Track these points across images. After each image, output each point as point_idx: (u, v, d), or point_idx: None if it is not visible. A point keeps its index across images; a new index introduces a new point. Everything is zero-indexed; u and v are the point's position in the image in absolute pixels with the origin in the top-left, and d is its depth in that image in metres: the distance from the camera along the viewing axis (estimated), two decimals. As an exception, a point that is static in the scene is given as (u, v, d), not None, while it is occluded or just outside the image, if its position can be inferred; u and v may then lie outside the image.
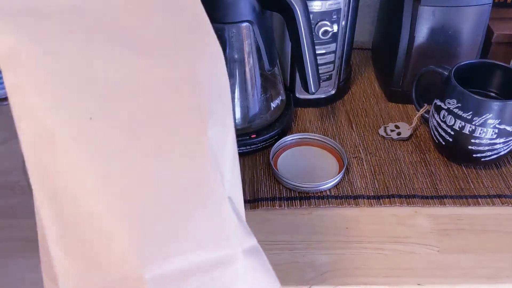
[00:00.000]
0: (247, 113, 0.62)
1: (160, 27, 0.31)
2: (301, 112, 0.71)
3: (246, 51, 0.59)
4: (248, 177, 0.60)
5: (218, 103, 0.31)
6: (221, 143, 0.31)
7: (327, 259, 0.50)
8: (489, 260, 0.50)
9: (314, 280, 0.48)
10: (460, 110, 0.56)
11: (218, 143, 0.30)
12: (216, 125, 0.30)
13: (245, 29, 0.57)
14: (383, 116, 0.70)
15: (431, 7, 0.63)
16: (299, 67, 0.58)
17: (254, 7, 0.55)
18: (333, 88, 0.71)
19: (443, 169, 0.61)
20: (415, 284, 0.48)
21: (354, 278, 0.48)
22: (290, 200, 0.56)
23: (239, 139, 0.61)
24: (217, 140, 0.30)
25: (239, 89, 0.61)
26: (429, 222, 0.54)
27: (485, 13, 0.64)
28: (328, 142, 0.63)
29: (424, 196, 0.57)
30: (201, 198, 0.28)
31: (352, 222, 0.54)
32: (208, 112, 0.29)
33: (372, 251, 0.51)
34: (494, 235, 0.53)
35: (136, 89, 0.27)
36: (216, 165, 0.29)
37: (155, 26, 0.30)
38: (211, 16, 0.57)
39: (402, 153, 0.63)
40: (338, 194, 0.57)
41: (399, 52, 0.68)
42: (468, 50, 0.67)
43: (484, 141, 0.56)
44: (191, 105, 0.29)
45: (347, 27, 0.66)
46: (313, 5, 0.61)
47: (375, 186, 0.58)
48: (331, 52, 0.67)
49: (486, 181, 0.59)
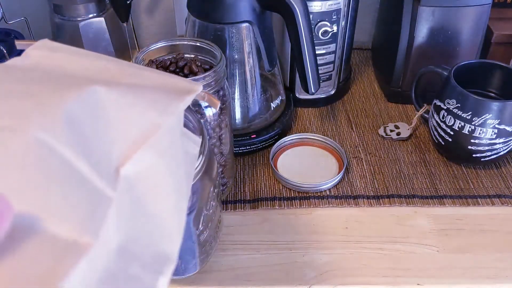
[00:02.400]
0: (247, 113, 0.62)
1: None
2: (301, 112, 0.71)
3: (246, 51, 0.59)
4: (248, 177, 0.60)
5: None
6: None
7: (327, 259, 0.50)
8: (489, 260, 0.50)
9: (314, 280, 0.48)
10: (459, 110, 0.56)
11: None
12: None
13: (245, 29, 0.57)
14: (382, 116, 0.70)
15: (431, 7, 0.63)
16: (299, 67, 0.58)
17: (254, 7, 0.56)
18: (333, 88, 0.72)
19: (443, 169, 0.61)
20: (415, 284, 0.48)
21: (354, 278, 0.48)
22: (290, 200, 0.56)
23: (239, 139, 0.61)
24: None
25: (239, 89, 0.61)
26: (429, 222, 0.54)
27: (484, 13, 0.64)
28: (328, 142, 0.63)
29: (423, 196, 0.57)
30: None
31: (352, 222, 0.54)
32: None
33: (372, 251, 0.51)
34: (494, 235, 0.53)
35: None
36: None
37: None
38: (211, 16, 0.57)
39: (402, 153, 0.63)
40: (338, 194, 0.57)
41: (399, 52, 0.68)
42: (468, 50, 0.67)
43: (483, 141, 0.56)
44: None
45: (347, 27, 0.66)
46: (313, 5, 0.61)
47: (375, 186, 0.58)
48: (331, 52, 0.67)
49: (485, 181, 0.59)
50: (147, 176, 0.26)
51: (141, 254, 0.25)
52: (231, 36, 0.57)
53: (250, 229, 0.53)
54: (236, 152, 0.61)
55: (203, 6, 0.56)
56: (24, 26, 0.70)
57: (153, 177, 0.26)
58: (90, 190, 0.23)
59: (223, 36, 0.57)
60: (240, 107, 0.62)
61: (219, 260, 0.50)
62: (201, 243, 0.45)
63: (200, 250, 0.46)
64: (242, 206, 0.56)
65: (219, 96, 0.49)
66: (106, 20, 0.74)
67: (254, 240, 0.52)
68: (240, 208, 0.56)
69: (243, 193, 0.58)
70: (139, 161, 0.25)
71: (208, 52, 0.51)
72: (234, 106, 0.61)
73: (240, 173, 0.60)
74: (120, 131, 0.26)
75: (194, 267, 0.47)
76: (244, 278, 0.48)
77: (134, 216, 0.25)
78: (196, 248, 0.45)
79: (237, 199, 0.57)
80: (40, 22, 0.80)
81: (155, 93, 0.28)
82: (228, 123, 0.52)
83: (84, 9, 0.73)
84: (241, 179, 0.60)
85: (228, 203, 0.56)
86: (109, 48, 0.76)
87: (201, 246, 0.46)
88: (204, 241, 0.46)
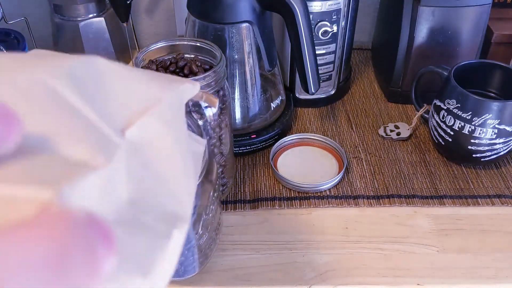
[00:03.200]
0: (247, 113, 0.62)
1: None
2: (301, 112, 0.71)
3: (246, 51, 0.59)
4: (248, 177, 0.60)
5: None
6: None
7: (327, 259, 0.50)
8: (489, 260, 0.50)
9: (314, 280, 0.48)
10: (459, 110, 0.56)
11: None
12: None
13: (245, 29, 0.57)
14: (382, 116, 0.70)
15: (431, 7, 0.63)
16: (299, 67, 0.58)
17: (254, 7, 0.56)
18: (333, 88, 0.72)
19: (443, 169, 0.61)
20: (415, 284, 0.48)
21: (354, 278, 0.48)
22: (290, 200, 0.56)
23: (239, 139, 0.61)
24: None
25: (239, 89, 0.61)
26: (429, 222, 0.54)
27: (484, 13, 0.64)
28: (328, 142, 0.63)
29: (423, 196, 0.57)
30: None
31: (351, 222, 0.54)
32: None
33: (372, 251, 0.51)
34: (494, 235, 0.53)
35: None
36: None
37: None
38: (211, 16, 0.57)
39: (402, 153, 0.63)
40: (338, 194, 0.57)
41: (399, 52, 0.68)
42: (468, 50, 0.67)
43: (483, 141, 0.56)
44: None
45: (347, 27, 0.66)
46: (313, 5, 0.61)
47: (375, 186, 0.58)
48: (331, 52, 0.67)
49: (485, 181, 0.59)
50: (153, 142, 0.25)
51: (152, 210, 0.24)
52: (231, 36, 0.57)
53: (250, 229, 0.53)
54: (236, 152, 0.61)
55: (203, 6, 0.56)
56: (24, 26, 0.70)
57: (159, 143, 0.25)
58: (97, 133, 0.22)
59: (223, 36, 0.57)
60: (240, 107, 0.62)
61: (219, 260, 0.50)
62: (201, 246, 0.45)
63: (199, 253, 0.46)
64: (242, 206, 0.56)
65: (219, 96, 0.49)
66: (106, 20, 0.74)
67: (254, 240, 0.52)
68: (240, 208, 0.56)
69: (243, 193, 0.58)
70: (144, 127, 0.25)
71: (208, 52, 0.51)
72: (234, 106, 0.61)
73: (240, 173, 0.60)
74: (121, 100, 0.25)
75: (193, 270, 0.47)
76: (243, 278, 0.48)
77: (143, 178, 0.24)
78: (195, 251, 0.45)
79: (237, 199, 0.57)
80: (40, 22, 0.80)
81: (153, 75, 0.28)
82: (228, 123, 0.52)
83: (84, 9, 0.73)
84: (241, 179, 0.60)
85: (228, 203, 0.56)
86: (109, 48, 0.76)
87: (200, 249, 0.46)
88: (204, 244, 0.46)
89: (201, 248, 0.46)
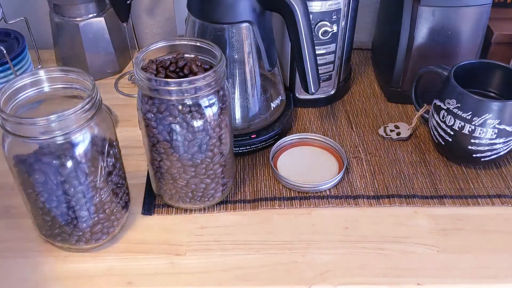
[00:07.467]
0: (247, 113, 0.62)
1: None
2: (301, 112, 0.71)
3: (246, 51, 0.59)
4: (248, 177, 0.60)
5: None
6: None
7: (327, 259, 0.50)
8: (489, 260, 0.50)
9: (314, 280, 0.48)
10: (459, 110, 0.56)
11: None
12: None
13: (245, 29, 0.57)
14: (382, 116, 0.70)
15: (431, 7, 0.63)
16: (299, 67, 0.58)
17: (254, 7, 0.56)
18: (333, 88, 0.72)
19: (443, 169, 0.61)
20: (415, 284, 0.48)
21: (354, 278, 0.48)
22: (290, 200, 0.56)
23: (239, 139, 0.61)
24: None
25: (239, 89, 0.61)
26: (429, 222, 0.54)
27: (484, 13, 0.64)
28: (328, 142, 0.63)
29: (423, 196, 0.57)
30: None
31: (352, 222, 0.54)
32: None
33: (372, 251, 0.51)
34: (494, 235, 0.53)
35: None
36: None
37: None
38: (211, 16, 0.57)
39: (402, 153, 0.63)
40: (338, 194, 0.57)
41: (399, 52, 0.68)
42: (468, 50, 0.67)
43: (483, 141, 0.56)
44: None
45: (347, 27, 0.66)
46: (313, 5, 0.61)
47: (375, 186, 0.58)
48: (331, 52, 0.67)
49: (485, 181, 0.59)
50: None
51: None
52: (231, 36, 0.57)
53: (250, 229, 0.53)
54: (236, 152, 0.61)
55: (203, 6, 0.56)
56: (24, 26, 0.70)
57: None
58: None
59: (223, 36, 0.57)
60: (240, 107, 0.62)
61: (219, 260, 0.50)
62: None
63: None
64: (242, 206, 0.56)
65: (219, 96, 0.49)
66: (106, 20, 0.74)
67: (254, 240, 0.52)
68: (240, 208, 0.56)
69: (243, 193, 0.58)
70: None
71: (208, 52, 0.51)
72: (234, 106, 0.61)
73: (240, 173, 0.60)
74: None
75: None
76: (243, 278, 0.48)
77: None
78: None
79: (237, 199, 0.57)
80: (40, 22, 0.80)
81: None
82: (228, 123, 0.52)
83: (84, 9, 0.73)
84: (241, 179, 0.60)
85: (228, 203, 0.56)
86: (109, 48, 0.76)
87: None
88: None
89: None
